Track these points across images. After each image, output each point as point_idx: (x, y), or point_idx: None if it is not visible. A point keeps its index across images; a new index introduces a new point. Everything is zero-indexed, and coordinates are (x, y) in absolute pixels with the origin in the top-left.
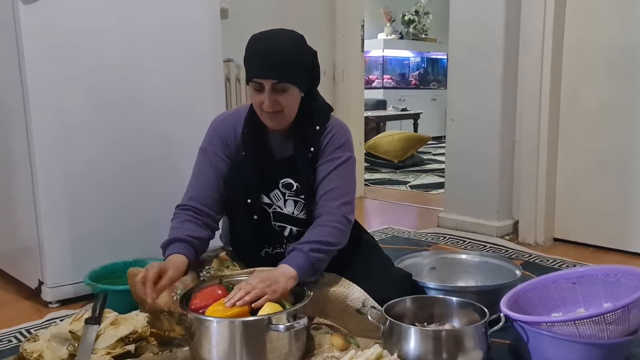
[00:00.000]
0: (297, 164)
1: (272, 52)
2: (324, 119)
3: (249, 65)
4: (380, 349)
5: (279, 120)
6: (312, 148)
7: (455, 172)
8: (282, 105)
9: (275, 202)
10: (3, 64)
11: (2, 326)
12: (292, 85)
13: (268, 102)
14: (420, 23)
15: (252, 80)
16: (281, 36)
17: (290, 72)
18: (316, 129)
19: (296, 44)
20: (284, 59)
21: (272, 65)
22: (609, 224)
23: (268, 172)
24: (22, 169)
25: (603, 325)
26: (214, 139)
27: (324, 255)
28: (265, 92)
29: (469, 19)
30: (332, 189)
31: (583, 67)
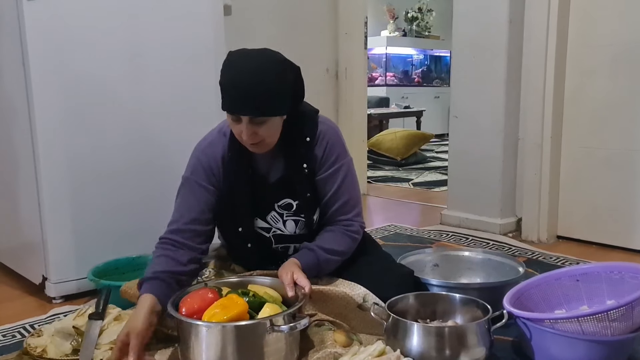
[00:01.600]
0: (293, 183)
1: (249, 86)
2: (312, 127)
3: (224, 96)
4: (383, 345)
5: (260, 148)
6: (304, 164)
7: (459, 169)
8: (261, 136)
9: (273, 225)
10: (7, 60)
11: (6, 321)
12: (270, 116)
13: (246, 135)
14: (424, 20)
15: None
16: (259, 63)
17: (268, 106)
18: (306, 140)
19: (276, 69)
20: (260, 94)
21: (248, 101)
22: (613, 222)
23: (262, 196)
24: (26, 165)
25: (606, 323)
26: (197, 169)
27: (334, 263)
28: (242, 125)
29: (473, 16)
30: (345, 202)
31: (587, 64)
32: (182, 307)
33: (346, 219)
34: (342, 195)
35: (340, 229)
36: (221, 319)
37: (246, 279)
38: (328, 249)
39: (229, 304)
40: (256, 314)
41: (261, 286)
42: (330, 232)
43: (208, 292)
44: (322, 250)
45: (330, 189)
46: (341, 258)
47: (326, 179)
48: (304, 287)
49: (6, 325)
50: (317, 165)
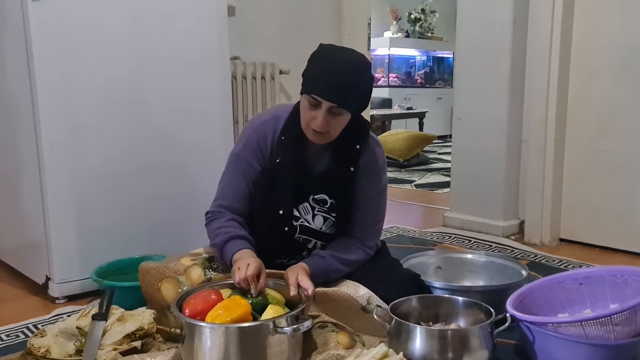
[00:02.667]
0: (335, 181)
1: (342, 76)
2: (364, 137)
3: (314, 80)
4: (385, 348)
5: (323, 139)
6: (351, 168)
7: (461, 171)
8: (330, 127)
9: (303, 216)
10: (12, 61)
11: (10, 321)
12: (347, 110)
13: (320, 123)
14: (427, 21)
15: (310, 96)
16: (353, 59)
17: (351, 100)
18: (356, 147)
19: (365, 70)
20: (350, 85)
21: (338, 89)
22: (616, 225)
23: (301, 185)
24: (30, 166)
25: (610, 327)
26: (248, 145)
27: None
28: (320, 111)
29: (477, 17)
30: (372, 213)
31: (591, 66)
32: (185, 308)
33: (365, 232)
34: (370, 208)
35: (356, 241)
36: (224, 320)
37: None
38: (340, 257)
39: (233, 305)
40: (259, 315)
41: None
42: (346, 242)
43: (211, 293)
44: (334, 258)
45: (362, 197)
46: (350, 269)
47: (366, 186)
48: (307, 289)
49: (10, 325)
50: (360, 171)
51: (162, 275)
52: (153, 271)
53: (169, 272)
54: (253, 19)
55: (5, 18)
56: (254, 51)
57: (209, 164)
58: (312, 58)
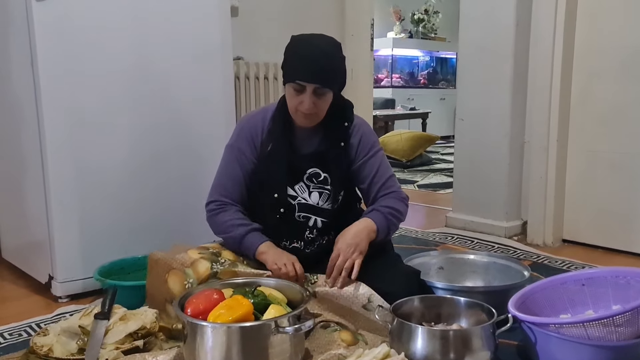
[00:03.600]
0: (327, 156)
1: (319, 58)
2: (350, 116)
3: (294, 67)
4: (387, 348)
5: (312, 120)
6: (342, 143)
7: (464, 171)
8: (317, 108)
9: (300, 194)
10: (16, 60)
11: (13, 320)
12: (330, 90)
13: (308, 105)
14: (430, 22)
15: (294, 82)
16: (325, 43)
17: (331, 79)
18: (345, 125)
19: (337, 51)
20: (328, 66)
21: (318, 71)
22: (619, 226)
23: (294, 165)
24: (33, 165)
25: (612, 328)
26: (241, 136)
27: (397, 221)
28: (306, 94)
29: (480, 18)
30: (387, 179)
31: (594, 68)
32: (187, 308)
33: (393, 190)
34: (383, 175)
35: (391, 196)
36: (226, 320)
37: (251, 280)
38: (392, 207)
39: (234, 304)
40: (261, 315)
41: (266, 287)
42: (384, 198)
43: (213, 292)
44: (387, 208)
45: (370, 171)
46: (401, 218)
47: (365, 163)
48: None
49: (12, 324)
50: (354, 153)
51: (169, 267)
52: (161, 262)
53: (176, 263)
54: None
55: (9, 18)
56: (256, 51)
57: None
58: (289, 49)
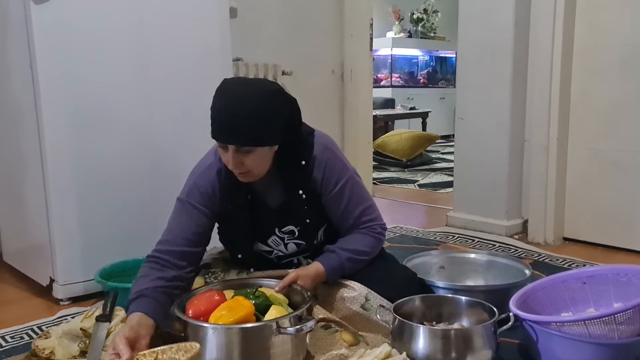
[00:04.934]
0: (294, 209)
1: (235, 114)
2: (308, 150)
3: (212, 122)
4: (389, 348)
5: (247, 177)
6: (300, 191)
7: (464, 170)
8: (247, 167)
9: (275, 247)
10: (15, 63)
11: (14, 323)
12: (258, 146)
13: (232, 165)
14: (429, 21)
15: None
16: (250, 94)
17: (255, 136)
18: (302, 164)
19: (267, 101)
20: (249, 124)
21: (234, 129)
22: (620, 224)
23: (263, 221)
24: (33, 168)
25: (613, 326)
26: (193, 192)
27: (357, 264)
28: (229, 153)
29: (479, 17)
30: (359, 213)
31: (593, 66)
32: (189, 309)
33: (365, 225)
34: (354, 209)
35: (361, 232)
36: (228, 321)
37: (252, 281)
38: (351, 249)
39: (236, 306)
40: (262, 316)
41: (268, 288)
42: (351, 235)
43: (215, 294)
44: (344, 250)
45: (339, 206)
46: (366, 258)
47: (333, 198)
48: None
49: (14, 327)
50: (319, 188)
51: None
52: None
53: None
54: (255, 21)
55: (8, 20)
56: (256, 52)
57: None
58: (213, 97)
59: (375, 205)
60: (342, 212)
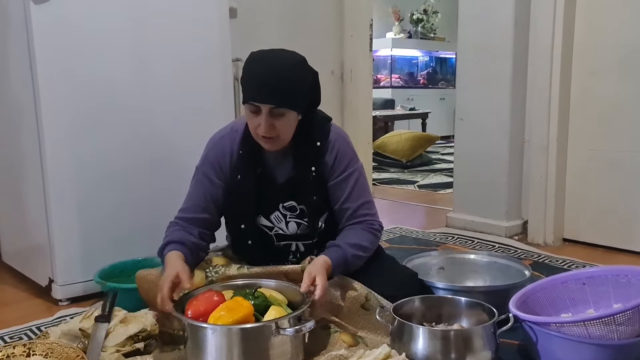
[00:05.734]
0: (300, 186)
1: (272, 76)
2: (324, 133)
3: (247, 87)
4: (388, 349)
5: (274, 144)
6: (313, 167)
7: (464, 171)
8: (278, 130)
9: (276, 224)
10: (14, 63)
11: (14, 323)
12: (290, 110)
13: (265, 127)
14: (429, 22)
15: (249, 103)
16: (281, 59)
17: (288, 98)
18: (317, 145)
19: (297, 67)
20: (284, 84)
21: (271, 90)
22: (619, 224)
23: (268, 195)
24: (32, 168)
25: (613, 326)
26: (207, 161)
27: (359, 260)
28: (262, 116)
29: (478, 18)
30: (360, 204)
31: (593, 66)
32: (188, 310)
33: (364, 219)
34: (356, 199)
35: (360, 227)
36: (227, 322)
37: (252, 281)
38: (354, 244)
39: (235, 306)
40: (262, 316)
41: (267, 289)
42: (352, 230)
43: (214, 294)
44: (349, 245)
45: (342, 193)
46: (367, 254)
47: (338, 184)
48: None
49: (13, 327)
50: (328, 172)
51: None
52: (151, 277)
53: None
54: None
55: (7, 20)
56: None
57: None
58: (245, 66)
59: (373, 202)
60: (344, 199)
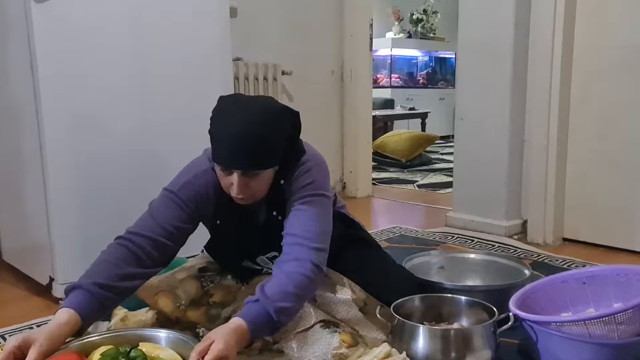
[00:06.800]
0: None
1: (243, 141)
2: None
3: (217, 147)
4: (389, 348)
5: (247, 201)
6: (274, 212)
7: (464, 171)
8: (252, 189)
9: (264, 266)
10: (15, 62)
11: (14, 322)
12: (263, 169)
13: (237, 189)
14: (429, 22)
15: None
16: (255, 116)
17: (262, 160)
18: (280, 183)
19: (271, 123)
20: (259, 148)
21: (244, 155)
22: (619, 224)
23: (251, 241)
24: (33, 167)
25: (613, 326)
26: (186, 189)
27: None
28: (233, 178)
29: (478, 18)
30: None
31: (594, 66)
32: None
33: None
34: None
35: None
36: None
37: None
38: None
39: None
40: None
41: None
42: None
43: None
44: (268, 299)
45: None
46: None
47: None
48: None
49: (14, 326)
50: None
51: (158, 289)
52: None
53: (163, 285)
54: (255, 20)
55: (8, 19)
56: (256, 52)
57: None
58: (213, 118)
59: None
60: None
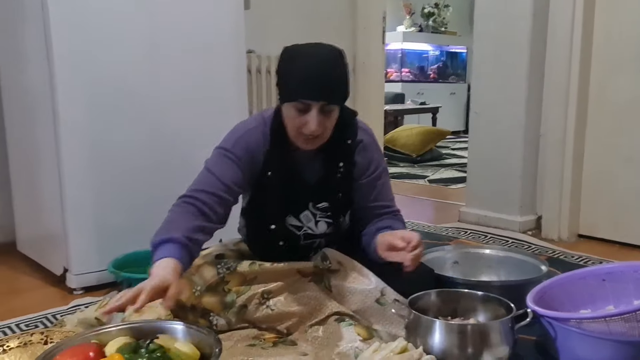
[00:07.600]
0: (331, 186)
1: (321, 72)
2: (353, 130)
3: (293, 85)
4: (404, 342)
5: (317, 142)
6: (340, 163)
7: (478, 165)
8: (325, 127)
9: (305, 224)
10: (32, 55)
11: (29, 311)
12: (338, 106)
13: (315, 125)
14: (440, 16)
15: (298, 101)
16: (323, 52)
17: (339, 93)
18: (347, 143)
19: (339, 60)
20: (333, 80)
21: (324, 87)
22: (636, 220)
23: (298, 195)
24: (49, 158)
25: (634, 323)
26: (239, 145)
27: None
28: (311, 114)
29: (495, 9)
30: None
31: (612, 60)
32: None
33: (393, 212)
34: (384, 197)
35: (393, 218)
36: None
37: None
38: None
39: None
40: None
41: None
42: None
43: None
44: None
45: (373, 191)
46: None
47: (370, 182)
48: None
49: (29, 315)
50: (358, 170)
51: None
52: None
53: None
54: (268, 13)
55: (24, 8)
56: (268, 45)
57: None
58: (284, 64)
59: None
60: (374, 197)
